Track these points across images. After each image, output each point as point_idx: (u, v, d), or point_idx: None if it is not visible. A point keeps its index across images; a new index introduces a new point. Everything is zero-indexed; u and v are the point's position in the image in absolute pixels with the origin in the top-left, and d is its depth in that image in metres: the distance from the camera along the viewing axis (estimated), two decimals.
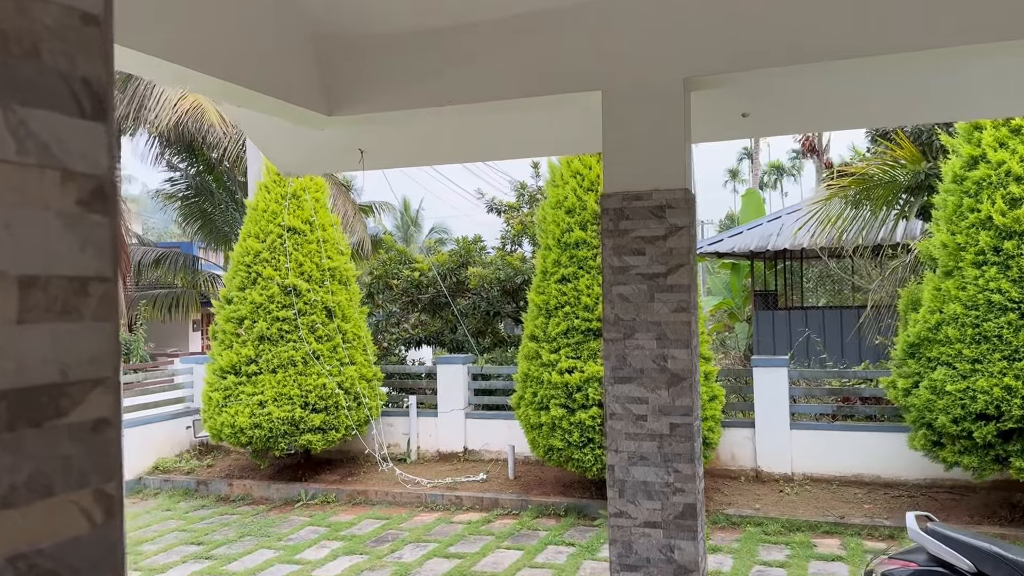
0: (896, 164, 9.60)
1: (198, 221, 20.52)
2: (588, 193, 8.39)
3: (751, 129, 4.91)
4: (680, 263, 3.92)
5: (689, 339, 3.93)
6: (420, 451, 10.72)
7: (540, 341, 8.47)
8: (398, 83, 4.37)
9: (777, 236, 15.40)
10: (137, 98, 15.81)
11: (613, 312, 4.01)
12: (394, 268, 13.14)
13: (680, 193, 3.92)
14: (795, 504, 8.31)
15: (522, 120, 4.69)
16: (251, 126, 5.51)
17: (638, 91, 3.95)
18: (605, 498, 8.39)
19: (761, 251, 15.53)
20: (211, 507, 9.43)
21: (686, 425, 3.93)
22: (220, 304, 10.11)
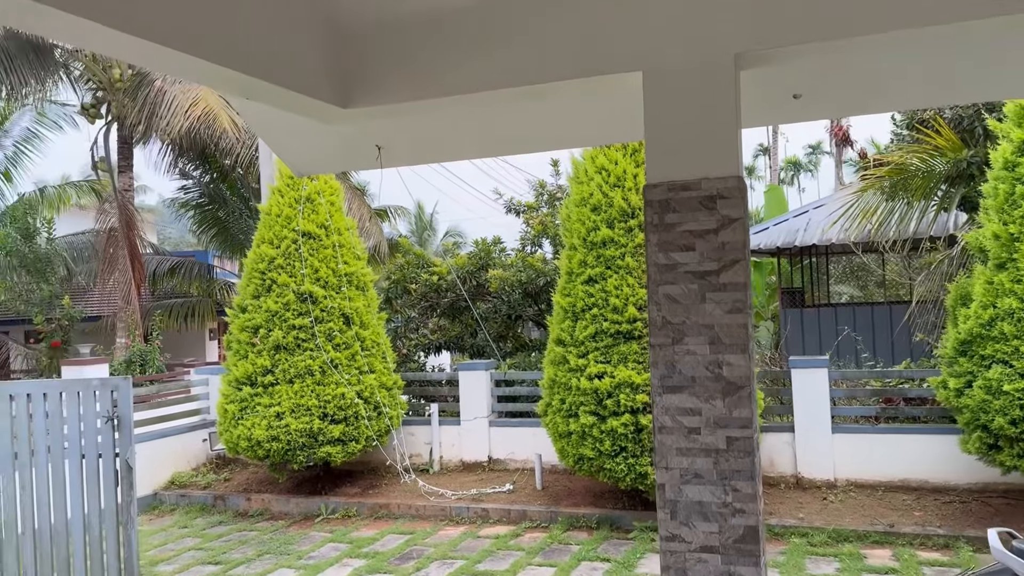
0: (935, 152, 9.15)
1: (213, 229, 20.34)
2: (615, 189, 8.01)
3: (801, 112, 4.52)
4: (734, 259, 3.54)
5: (746, 343, 3.54)
6: (443, 461, 10.36)
7: (567, 345, 8.09)
8: (418, 71, 4.02)
9: (804, 232, 14.95)
10: (148, 105, 15.59)
11: (660, 315, 3.63)
12: (412, 272, 12.81)
13: (733, 181, 3.53)
14: (840, 512, 7.88)
15: (554, 108, 4.32)
16: (262, 124, 5.17)
17: (684, 70, 3.57)
18: (639, 509, 8.05)
19: (788, 247, 15.08)
20: (229, 523, 9.12)
21: (745, 439, 3.54)
22: (234, 313, 9.80)
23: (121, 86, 16.21)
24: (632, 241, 7.85)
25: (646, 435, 7.46)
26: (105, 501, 6.02)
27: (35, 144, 20.57)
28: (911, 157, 9.34)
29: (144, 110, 15.48)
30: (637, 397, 7.46)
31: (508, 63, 3.86)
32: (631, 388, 7.54)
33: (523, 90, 3.89)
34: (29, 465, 6.05)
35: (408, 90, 4.06)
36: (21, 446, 6.05)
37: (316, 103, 3.99)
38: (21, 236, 17.54)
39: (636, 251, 7.86)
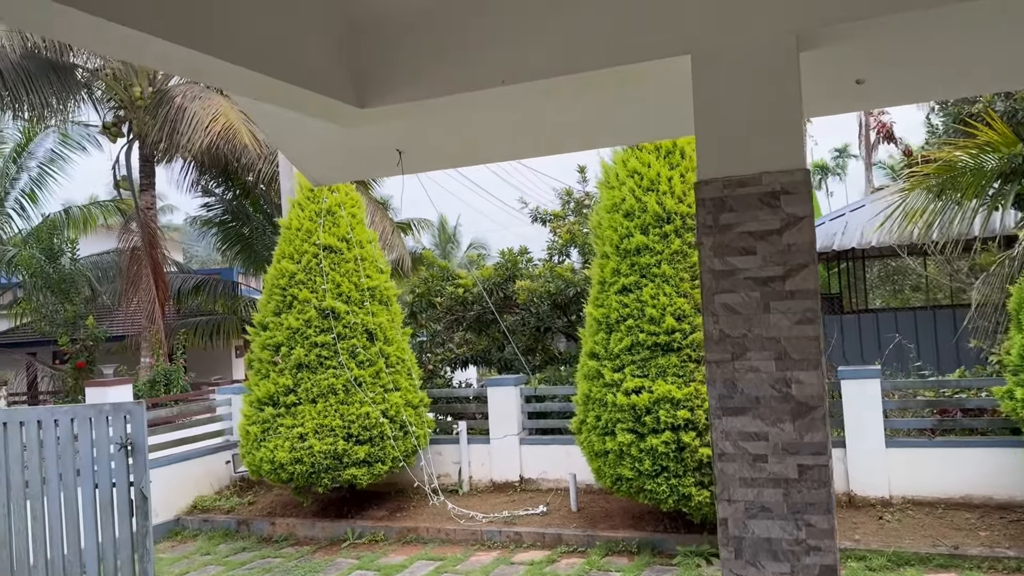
0: (987, 148, 8.64)
1: (236, 246, 20.19)
2: (648, 194, 7.61)
3: (863, 99, 4.12)
4: (802, 262, 3.13)
5: (817, 358, 3.13)
6: (472, 481, 9.97)
7: (601, 359, 7.68)
8: (440, 63, 3.66)
9: (842, 235, 14.44)
10: (168, 123, 15.42)
11: (717, 327, 3.23)
12: (437, 285, 12.47)
13: (799, 175, 3.13)
14: (899, 533, 7.37)
15: (591, 102, 3.94)
16: (278, 133, 4.85)
17: (739, 52, 3.18)
18: (682, 532, 7.58)
19: (824, 251, 14.55)
20: (253, 549, 8.78)
21: (819, 467, 3.12)
22: (255, 331, 9.51)
23: (141, 104, 16.10)
24: (668, 248, 7.44)
25: (688, 454, 7.02)
26: (120, 532, 5.72)
27: (59, 165, 20.59)
28: (960, 153, 8.83)
29: (164, 127, 15.32)
30: (678, 413, 7.02)
31: (539, 53, 3.49)
32: (671, 404, 7.10)
33: (557, 82, 3.52)
34: (41, 494, 5.76)
35: (429, 86, 3.71)
36: (33, 475, 5.77)
37: (332, 103, 3.65)
38: (46, 257, 17.46)
39: (672, 258, 7.44)
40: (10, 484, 5.72)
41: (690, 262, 7.41)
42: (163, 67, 4.27)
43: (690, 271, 7.41)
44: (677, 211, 7.46)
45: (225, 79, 3.38)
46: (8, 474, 5.71)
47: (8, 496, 5.73)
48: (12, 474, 5.72)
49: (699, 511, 7.12)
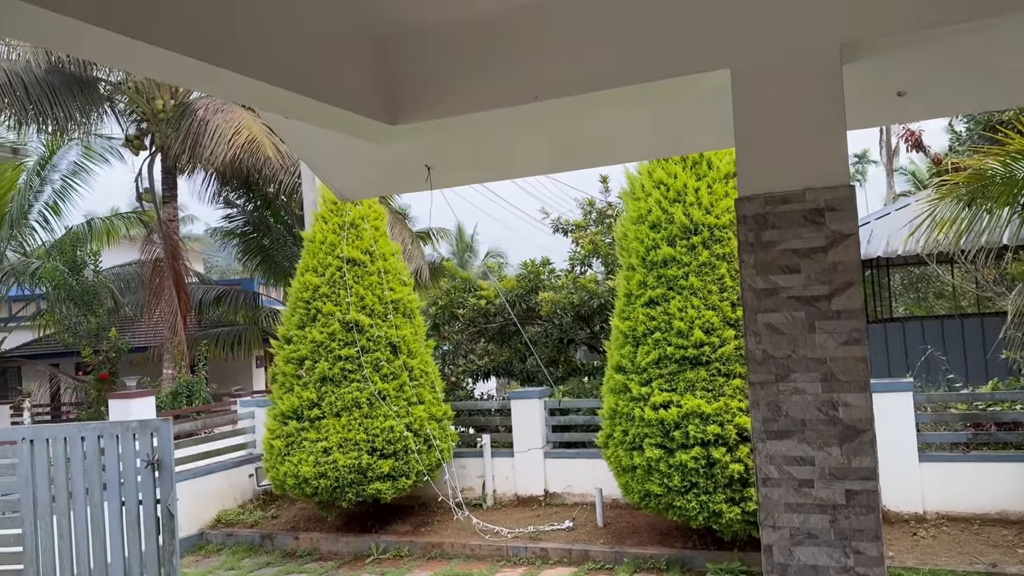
0: (1017, 156, 8.48)
1: (257, 257, 20.27)
2: (674, 205, 7.52)
3: (903, 111, 4.03)
4: (847, 281, 3.04)
5: (865, 380, 3.04)
6: (497, 495, 9.88)
7: (628, 372, 7.58)
8: (472, 80, 3.61)
9: (867, 243, 14.24)
10: (191, 135, 15.51)
11: (759, 347, 3.14)
12: (459, 296, 12.41)
13: (843, 191, 3.05)
14: (934, 549, 7.21)
15: (625, 117, 3.88)
16: (306, 149, 4.82)
17: (780, 65, 3.11)
18: (712, 549, 7.45)
19: None
20: (277, 564, 8.74)
21: (867, 492, 3.03)
22: (279, 344, 9.49)
23: (164, 117, 16.21)
24: (696, 259, 7.34)
25: (718, 470, 6.90)
26: (146, 548, 5.68)
27: (82, 177, 20.74)
28: (991, 161, 8.66)
29: (187, 140, 15.41)
30: (708, 428, 6.91)
31: (573, 69, 3.43)
32: (700, 418, 6.99)
33: (591, 97, 3.45)
34: (68, 510, 5.74)
35: (460, 102, 3.66)
36: (59, 492, 5.75)
37: (363, 120, 3.61)
38: (69, 269, 17.59)
39: (700, 270, 7.34)
40: (37, 500, 5.70)
41: (718, 274, 7.30)
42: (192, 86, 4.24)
43: (718, 283, 7.30)
44: (704, 222, 7.36)
45: (255, 97, 3.35)
46: (35, 490, 5.70)
47: (35, 512, 5.71)
48: (39, 490, 5.70)
49: (730, 528, 6.99)
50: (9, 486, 5.71)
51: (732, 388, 7.05)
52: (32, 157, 19.65)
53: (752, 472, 6.86)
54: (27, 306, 21.62)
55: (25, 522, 5.66)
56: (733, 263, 7.31)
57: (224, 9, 2.89)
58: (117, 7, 2.47)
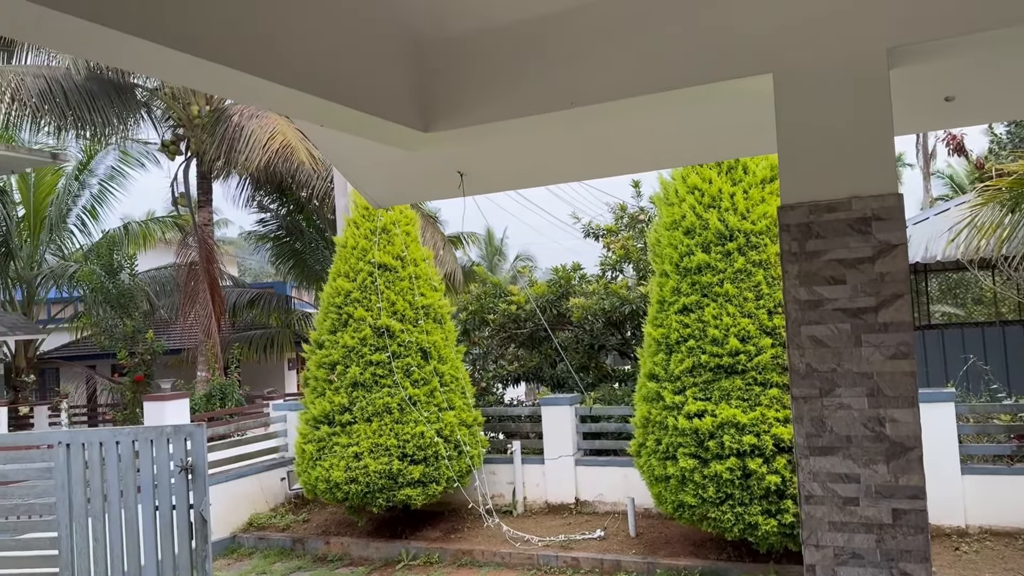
0: None
1: (290, 261, 20.45)
2: (709, 210, 7.41)
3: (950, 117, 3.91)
4: (895, 292, 2.94)
5: (913, 395, 2.93)
6: (527, 502, 9.82)
7: (661, 380, 7.48)
8: (506, 86, 3.56)
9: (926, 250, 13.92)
10: (226, 141, 15.69)
11: (803, 360, 3.04)
12: (489, 302, 12.37)
13: (891, 200, 2.95)
14: (977, 565, 7.01)
15: (664, 122, 3.80)
16: (339, 156, 4.80)
17: (825, 69, 3.01)
18: (746, 561, 7.31)
19: None
20: (308, 568, 8.76)
21: (915, 512, 2.92)
22: (311, 349, 9.52)
23: (200, 122, 16.41)
24: (731, 266, 7.22)
25: (754, 481, 6.77)
26: (179, 552, 5.71)
27: (119, 182, 21.11)
28: None
29: (222, 145, 15.59)
30: (744, 439, 6.79)
31: (610, 74, 3.36)
32: (736, 428, 6.87)
33: (628, 103, 3.38)
34: (102, 514, 5.78)
35: (494, 109, 3.61)
36: (94, 495, 5.80)
37: (396, 127, 3.58)
38: (106, 272, 17.87)
39: (736, 277, 7.22)
40: (72, 504, 5.75)
41: (754, 281, 7.18)
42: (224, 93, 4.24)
43: (754, 290, 7.17)
44: (740, 228, 7.24)
45: (287, 105, 3.33)
46: (71, 494, 5.75)
47: (71, 515, 5.76)
48: (75, 494, 5.75)
49: (766, 540, 6.86)
50: (45, 490, 5.76)
51: (768, 398, 6.91)
52: (71, 162, 20.00)
53: (789, 484, 6.72)
54: (65, 308, 22.02)
55: (61, 525, 5.71)
56: (770, 270, 7.18)
57: (256, 16, 2.87)
58: (147, 14, 2.45)
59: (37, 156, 17.11)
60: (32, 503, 5.84)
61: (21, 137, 17.54)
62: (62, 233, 21.05)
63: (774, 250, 7.18)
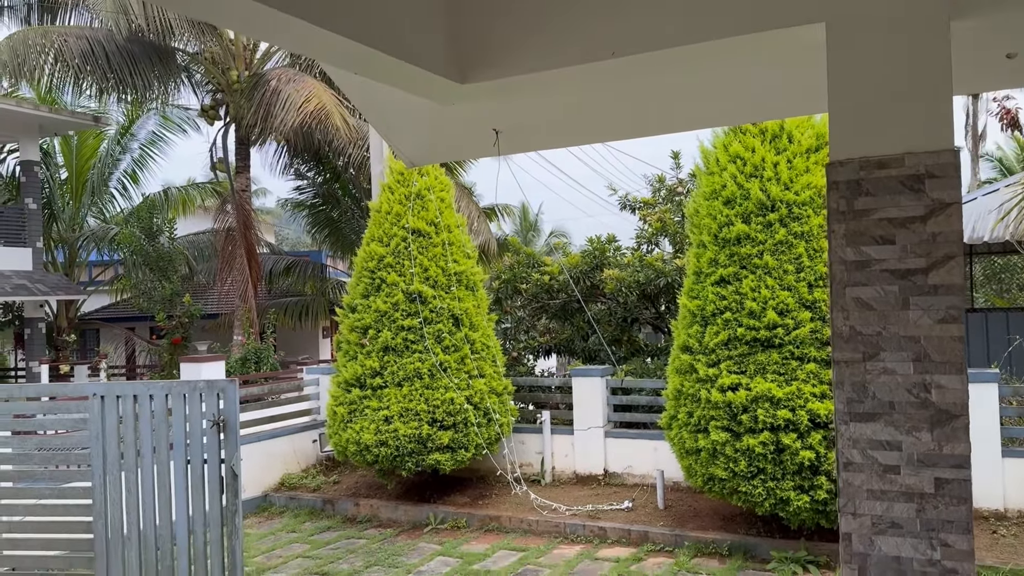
0: None
1: (325, 229, 20.54)
2: (751, 180, 7.23)
3: (1012, 76, 3.72)
4: (948, 254, 2.81)
5: (961, 361, 2.81)
6: (555, 472, 9.79)
7: (695, 353, 7.36)
8: (546, 35, 3.46)
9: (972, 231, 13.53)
10: (263, 105, 15.70)
11: (847, 323, 2.93)
12: (522, 272, 12.29)
13: (946, 156, 2.81)
14: (1015, 549, 6.84)
15: (709, 76, 3.67)
16: (372, 108, 4.74)
17: (881, 19, 2.87)
18: (776, 537, 7.21)
19: None
20: (337, 529, 8.84)
21: (959, 481, 2.81)
22: (344, 313, 9.55)
23: (238, 87, 16.46)
24: (772, 238, 7.05)
25: (788, 456, 6.65)
26: (210, 508, 5.76)
27: (159, 147, 21.34)
28: None
29: (260, 110, 15.61)
30: (778, 413, 6.66)
31: (653, 22, 3.24)
32: (771, 403, 6.75)
33: (671, 54, 3.26)
34: (136, 467, 5.86)
35: (532, 60, 3.51)
36: (127, 448, 5.87)
37: (432, 77, 3.50)
38: (145, 236, 18.10)
39: (776, 249, 7.05)
40: (107, 456, 5.83)
41: (795, 253, 7.00)
42: (262, 36, 4.19)
43: (795, 263, 7.00)
44: (783, 199, 7.06)
45: (322, 49, 3.26)
46: (105, 446, 5.83)
47: (105, 467, 5.84)
48: (109, 446, 5.83)
49: (797, 516, 6.75)
50: (80, 440, 5.85)
51: (806, 372, 6.77)
52: (112, 126, 20.24)
53: (824, 460, 6.60)
54: (105, 271, 22.40)
55: (95, 475, 5.80)
56: (812, 242, 7.01)
57: None
58: None
59: (79, 119, 17.38)
60: (68, 453, 5.94)
61: (64, 99, 17.78)
62: (103, 196, 21.37)
63: (817, 222, 7.00)
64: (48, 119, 16.73)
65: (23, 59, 14.38)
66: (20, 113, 16.14)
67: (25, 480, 6.02)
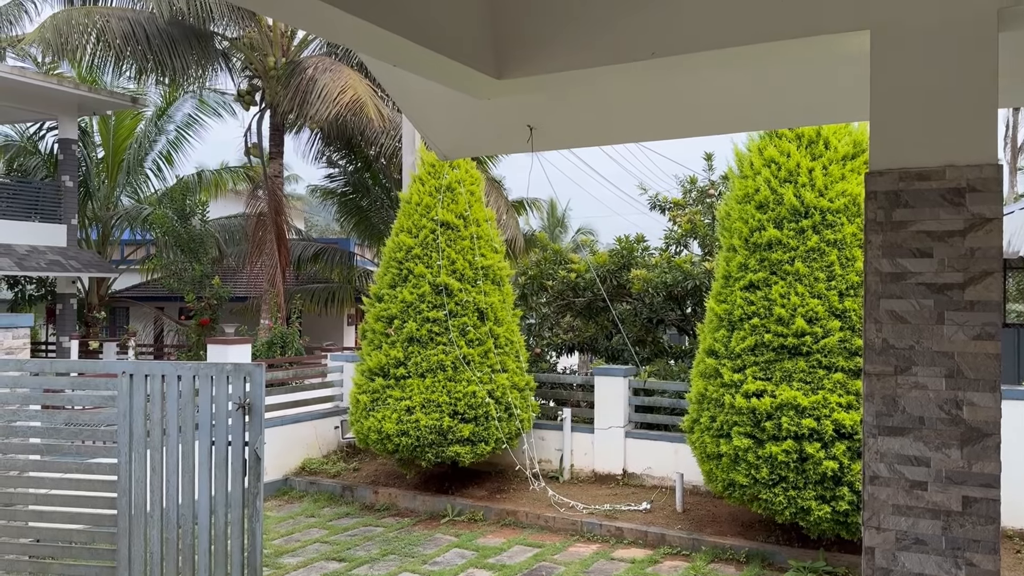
0: None
1: (354, 217, 20.65)
2: (785, 185, 7.16)
3: None
4: (986, 270, 2.76)
5: (995, 379, 2.76)
6: (574, 470, 9.79)
7: (720, 357, 7.32)
8: (584, 32, 3.44)
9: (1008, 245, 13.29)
10: (299, 93, 15.80)
11: (880, 336, 2.89)
12: (549, 268, 12.28)
13: (989, 171, 2.76)
14: None
15: (749, 79, 3.63)
16: (408, 100, 4.75)
17: (928, 27, 2.82)
18: (795, 546, 7.16)
19: None
20: (355, 515, 8.91)
21: (988, 501, 2.76)
22: (370, 302, 9.60)
23: (275, 74, 16.59)
24: (804, 244, 6.98)
25: (811, 466, 6.59)
26: (232, 489, 5.83)
27: (195, 130, 21.56)
28: None
29: (295, 98, 15.72)
30: (803, 422, 6.60)
31: (694, 23, 3.21)
32: (796, 411, 6.69)
33: (711, 56, 3.23)
34: (160, 446, 5.95)
35: (571, 57, 3.49)
36: (154, 427, 5.96)
37: (469, 71, 3.50)
38: (178, 217, 18.33)
39: (808, 256, 6.98)
40: (133, 434, 5.92)
41: (827, 261, 6.93)
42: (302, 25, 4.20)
43: (827, 271, 6.93)
44: (817, 205, 6.98)
45: (361, 40, 3.26)
46: (132, 424, 5.91)
47: (131, 445, 5.93)
48: (135, 424, 5.92)
49: (817, 526, 6.69)
50: (108, 417, 5.94)
51: (832, 382, 6.70)
52: (150, 107, 20.49)
53: (847, 471, 6.53)
54: (137, 250, 22.72)
55: (121, 453, 5.89)
56: (845, 251, 6.92)
57: None
58: None
59: (118, 99, 17.62)
60: (95, 429, 6.04)
61: (103, 80, 18.03)
62: (138, 176, 21.65)
63: (851, 230, 6.91)
64: (87, 98, 16.98)
65: (66, 38, 14.60)
66: (60, 91, 16.40)
67: (52, 454, 6.14)
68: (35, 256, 16.55)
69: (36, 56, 17.42)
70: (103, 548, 5.87)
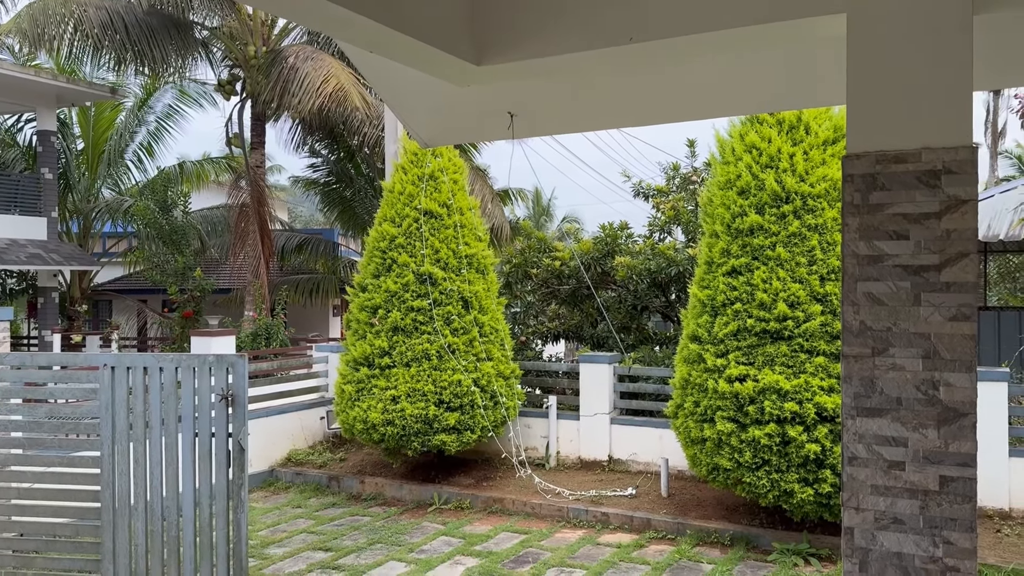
0: None
1: (338, 207, 20.56)
2: (766, 171, 7.18)
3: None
4: (961, 251, 2.79)
5: (971, 359, 2.79)
6: (560, 457, 9.83)
7: (703, 343, 7.35)
8: (563, 18, 3.43)
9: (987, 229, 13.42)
10: (281, 83, 15.68)
11: (857, 318, 2.92)
12: (533, 256, 12.28)
13: (964, 153, 2.78)
14: (1018, 548, 6.83)
15: (728, 64, 3.64)
16: (387, 88, 4.72)
17: (904, 10, 2.83)
18: (779, 528, 7.23)
19: None
20: (342, 506, 8.92)
21: (964, 480, 2.80)
22: (354, 292, 9.58)
23: (256, 63, 16.44)
24: (785, 229, 7.02)
25: (793, 448, 6.65)
26: (216, 480, 5.81)
27: (176, 120, 21.37)
28: None
29: (276, 87, 15.59)
30: (785, 405, 6.65)
31: (673, 8, 3.21)
32: (778, 395, 6.73)
33: (691, 41, 3.23)
34: (144, 439, 5.92)
35: (549, 43, 3.48)
36: (136, 419, 5.93)
37: (448, 58, 3.48)
38: (160, 208, 18.17)
39: (789, 241, 7.02)
40: (115, 426, 5.89)
41: (808, 246, 6.97)
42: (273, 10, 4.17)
43: (807, 255, 6.97)
44: (798, 191, 7.02)
45: (339, 26, 3.24)
46: (114, 417, 5.88)
47: (113, 438, 5.90)
48: (118, 417, 5.88)
49: (800, 509, 6.76)
50: (90, 410, 5.90)
51: (814, 366, 6.75)
52: (130, 98, 20.26)
53: (829, 454, 6.59)
54: (119, 243, 22.51)
55: (104, 446, 5.86)
56: (825, 235, 6.97)
57: None
58: None
59: (97, 90, 17.41)
60: (78, 422, 6.00)
61: (82, 70, 17.81)
62: (119, 168, 21.45)
63: (831, 215, 6.96)
64: (66, 89, 16.77)
65: (43, 28, 14.40)
66: (38, 83, 16.19)
67: (35, 448, 6.10)
68: (15, 249, 16.37)
69: (13, 47, 17.17)
70: (88, 541, 5.84)
